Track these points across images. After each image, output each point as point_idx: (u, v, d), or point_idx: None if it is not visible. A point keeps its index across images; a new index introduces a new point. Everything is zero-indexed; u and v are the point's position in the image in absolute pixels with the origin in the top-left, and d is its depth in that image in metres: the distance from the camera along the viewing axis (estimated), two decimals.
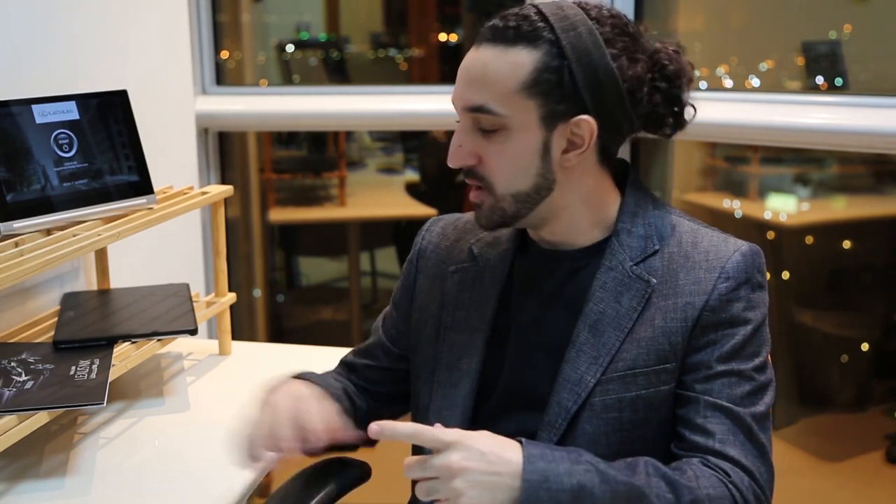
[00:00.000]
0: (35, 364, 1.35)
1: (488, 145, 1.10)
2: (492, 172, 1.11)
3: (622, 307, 1.11)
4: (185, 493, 1.27)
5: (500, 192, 1.12)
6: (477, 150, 1.11)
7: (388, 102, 2.36)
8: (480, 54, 1.10)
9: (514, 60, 1.08)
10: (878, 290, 3.07)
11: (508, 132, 1.09)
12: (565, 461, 0.98)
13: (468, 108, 1.10)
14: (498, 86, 1.08)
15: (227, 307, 1.73)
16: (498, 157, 1.10)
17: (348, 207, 3.76)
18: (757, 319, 1.11)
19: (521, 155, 1.10)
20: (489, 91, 1.08)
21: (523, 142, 1.09)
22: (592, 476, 0.97)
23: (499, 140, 1.10)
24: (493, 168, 1.11)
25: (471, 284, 1.23)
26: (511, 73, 1.08)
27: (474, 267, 1.24)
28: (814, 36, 2.72)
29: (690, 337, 1.09)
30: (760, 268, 1.13)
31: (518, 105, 1.08)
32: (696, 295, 1.10)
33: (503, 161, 1.10)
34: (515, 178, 1.11)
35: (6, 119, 1.37)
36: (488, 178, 1.12)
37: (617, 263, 1.13)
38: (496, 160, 1.11)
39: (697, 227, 1.17)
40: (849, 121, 1.91)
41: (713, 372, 1.08)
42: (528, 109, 1.08)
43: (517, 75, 1.08)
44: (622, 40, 1.10)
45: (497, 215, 1.13)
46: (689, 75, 1.15)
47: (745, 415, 1.06)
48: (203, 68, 2.32)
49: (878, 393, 3.01)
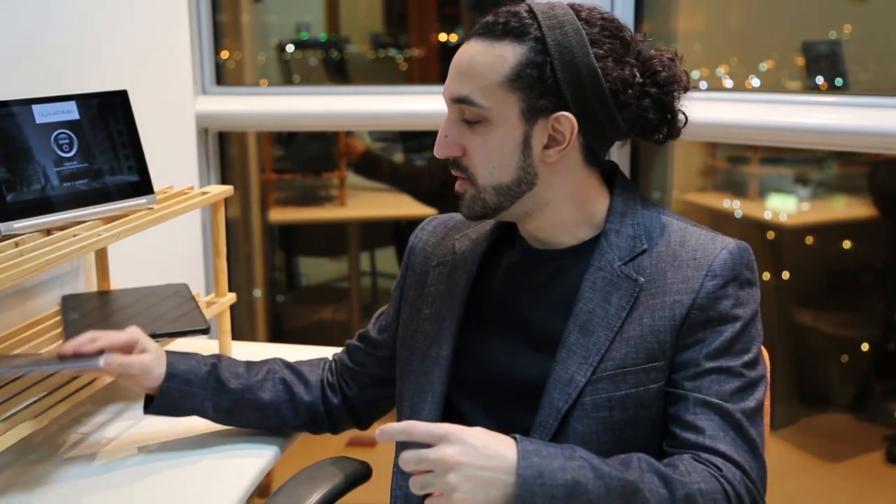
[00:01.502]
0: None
1: (472, 137, 1.14)
2: (474, 163, 1.14)
3: (611, 307, 1.12)
4: (186, 493, 1.27)
5: (482, 183, 1.15)
6: (462, 141, 1.15)
7: (388, 102, 2.36)
8: (469, 48, 1.14)
9: (500, 54, 1.11)
10: (878, 290, 3.07)
11: (490, 124, 1.12)
12: (559, 457, 0.98)
13: (454, 99, 1.14)
14: (481, 78, 1.11)
15: (228, 307, 1.73)
16: (480, 149, 1.14)
17: (348, 207, 3.76)
18: (746, 316, 1.12)
19: (501, 147, 1.13)
20: (473, 83, 1.12)
21: (504, 134, 1.12)
22: (587, 472, 0.98)
23: (481, 132, 1.13)
24: (475, 159, 1.14)
25: (447, 277, 1.26)
26: (495, 66, 1.11)
27: (452, 260, 1.27)
28: (814, 36, 2.72)
29: (679, 335, 1.10)
30: (749, 265, 1.14)
31: (500, 98, 1.11)
32: (683, 293, 1.11)
33: (484, 152, 1.13)
34: (496, 170, 1.14)
35: (6, 119, 1.37)
36: (471, 169, 1.15)
37: (606, 263, 1.14)
38: (478, 151, 1.14)
39: (686, 225, 1.18)
40: (849, 121, 1.91)
41: (702, 369, 1.09)
42: (509, 103, 1.11)
43: (500, 69, 1.11)
44: (610, 42, 1.12)
45: (478, 206, 1.16)
46: (683, 84, 1.17)
47: (735, 411, 1.07)
48: (203, 68, 2.32)
49: (878, 393, 3.01)
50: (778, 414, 2.88)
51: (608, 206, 1.18)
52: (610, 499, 0.98)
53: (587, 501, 0.97)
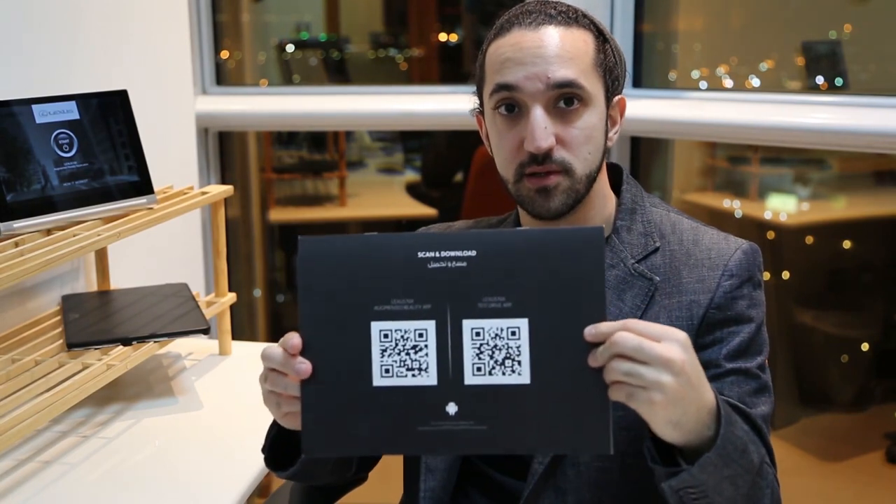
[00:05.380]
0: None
1: (568, 124, 1.09)
2: (573, 152, 1.09)
3: (625, 305, 1.11)
4: (186, 493, 1.27)
5: (580, 172, 1.10)
6: (556, 130, 1.09)
7: (388, 102, 2.36)
8: (549, 33, 1.09)
9: (584, 38, 1.11)
10: (878, 290, 3.06)
11: (587, 109, 1.10)
12: (732, 412, 0.95)
13: (557, 84, 1.07)
14: (579, 60, 1.09)
15: (228, 307, 1.73)
16: (580, 135, 1.09)
17: (348, 208, 3.76)
18: (759, 318, 1.12)
19: (596, 132, 1.11)
20: (575, 65, 1.08)
21: (598, 118, 1.11)
22: (750, 434, 0.97)
23: (579, 117, 1.09)
24: (573, 147, 1.09)
25: None
26: (585, 49, 1.10)
27: None
28: (814, 36, 2.71)
29: (697, 335, 1.10)
30: (760, 266, 1.15)
31: (594, 80, 1.11)
32: (700, 293, 1.10)
33: (583, 138, 1.09)
34: (591, 157, 1.11)
35: (6, 119, 1.37)
36: (568, 158, 1.09)
37: (619, 261, 1.13)
38: (578, 138, 1.09)
39: (697, 224, 1.18)
40: (849, 121, 1.91)
41: (722, 370, 1.09)
42: (598, 85, 1.11)
43: (589, 52, 1.11)
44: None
45: (572, 198, 1.11)
46: None
47: (756, 416, 1.07)
48: (203, 68, 2.32)
49: (878, 393, 3.01)
50: (778, 414, 2.88)
51: (616, 203, 1.18)
52: (756, 467, 0.97)
53: (749, 463, 0.95)
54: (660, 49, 2.43)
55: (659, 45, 2.42)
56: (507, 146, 1.11)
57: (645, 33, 2.26)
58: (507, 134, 1.11)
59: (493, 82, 1.11)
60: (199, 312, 1.52)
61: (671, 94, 2.24)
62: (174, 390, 1.58)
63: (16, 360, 1.35)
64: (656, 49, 2.39)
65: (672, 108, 2.15)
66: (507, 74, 1.09)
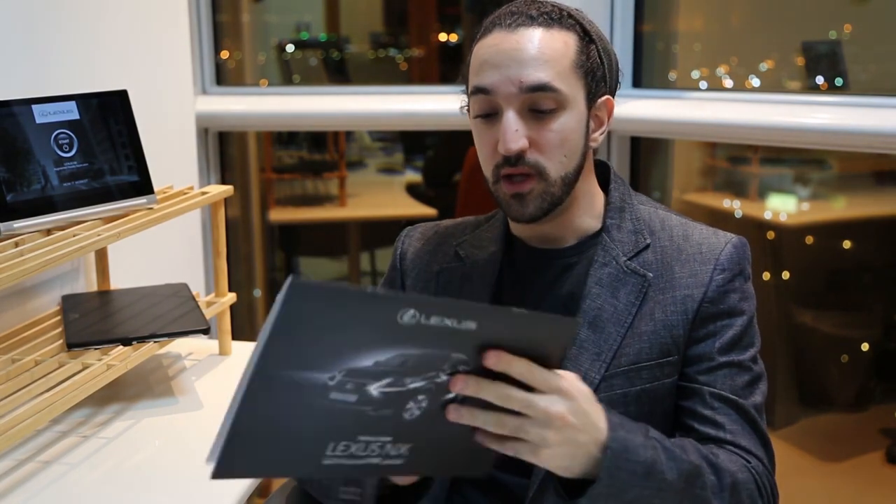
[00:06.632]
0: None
1: (542, 127, 1.09)
2: (546, 155, 1.09)
3: (620, 302, 1.12)
4: (186, 493, 1.27)
5: (553, 176, 1.10)
6: (530, 133, 1.09)
7: (388, 102, 2.36)
8: (527, 35, 1.09)
9: (564, 39, 1.10)
10: (878, 290, 3.06)
11: (563, 112, 1.09)
12: (639, 433, 0.94)
13: (530, 88, 1.08)
14: (556, 63, 1.09)
15: (228, 307, 1.73)
16: (554, 138, 1.09)
17: (348, 208, 3.76)
18: (750, 311, 1.14)
19: (573, 135, 1.11)
20: (551, 68, 1.08)
21: (576, 121, 1.11)
22: (660, 452, 0.95)
23: (554, 120, 1.09)
24: (546, 150, 1.09)
25: (458, 285, 1.23)
26: (564, 51, 1.10)
27: (461, 267, 1.23)
28: (814, 36, 2.71)
29: (691, 329, 1.11)
30: (749, 259, 1.17)
31: (572, 83, 1.10)
32: (693, 287, 1.12)
33: (558, 142, 1.09)
34: (566, 160, 1.10)
35: (6, 119, 1.37)
36: (541, 162, 1.09)
37: (610, 259, 1.14)
38: (552, 141, 1.09)
39: (685, 220, 1.19)
40: (849, 121, 1.91)
41: (715, 363, 1.10)
42: (578, 88, 1.11)
43: (569, 53, 1.10)
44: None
45: (547, 202, 1.11)
46: None
47: (749, 406, 1.09)
48: (203, 68, 2.32)
49: (878, 393, 3.01)
50: (778, 414, 2.88)
51: (604, 202, 1.19)
52: (679, 482, 0.96)
53: (661, 481, 0.94)
54: (660, 49, 2.43)
55: (659, 46, 2.42)
56: (485, 148, 1.13)
57: (645, 33, 2.26)
58: (485, 136, 1.12)
59: (472, 84, 1.12)
60: (199, 312, 1.52)
61: (671, 94, 2.24)
62: (174, 390, 1.58)
63: (16, 360, 1.35)
64: (656, 49, 2.39)
65: (672, 108, 2.15)
66: (483, 77, 1.10)
